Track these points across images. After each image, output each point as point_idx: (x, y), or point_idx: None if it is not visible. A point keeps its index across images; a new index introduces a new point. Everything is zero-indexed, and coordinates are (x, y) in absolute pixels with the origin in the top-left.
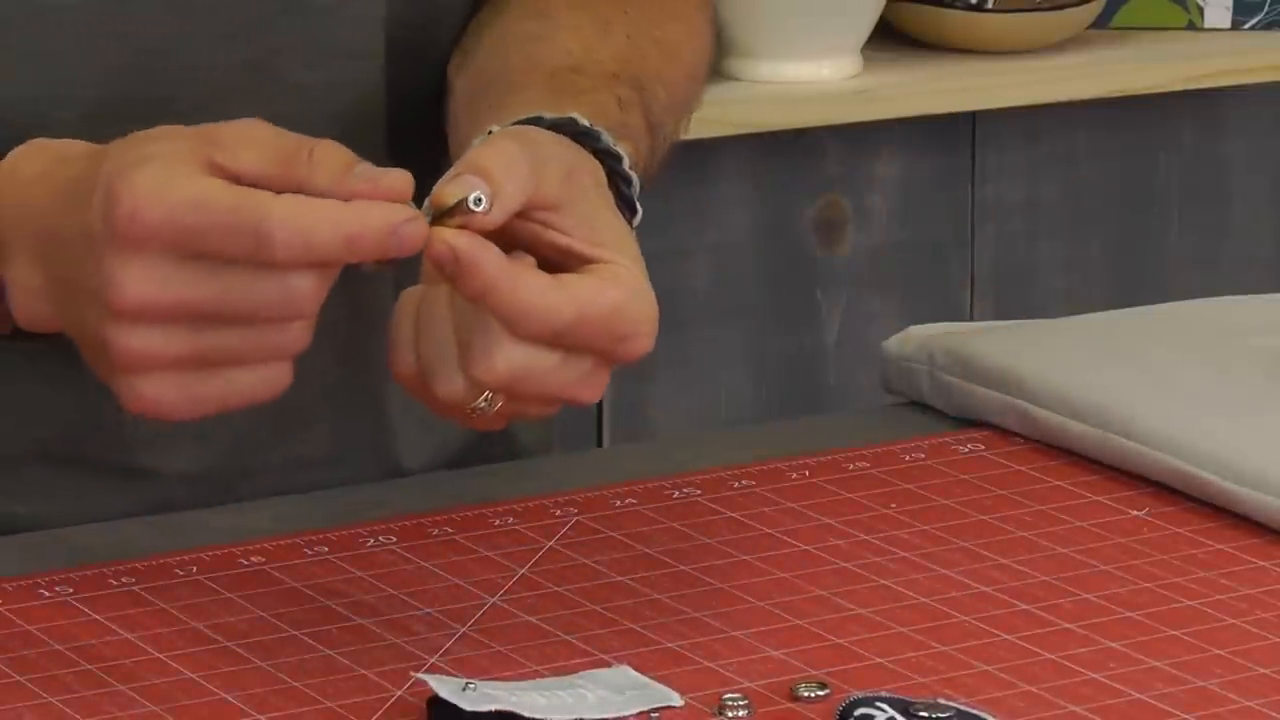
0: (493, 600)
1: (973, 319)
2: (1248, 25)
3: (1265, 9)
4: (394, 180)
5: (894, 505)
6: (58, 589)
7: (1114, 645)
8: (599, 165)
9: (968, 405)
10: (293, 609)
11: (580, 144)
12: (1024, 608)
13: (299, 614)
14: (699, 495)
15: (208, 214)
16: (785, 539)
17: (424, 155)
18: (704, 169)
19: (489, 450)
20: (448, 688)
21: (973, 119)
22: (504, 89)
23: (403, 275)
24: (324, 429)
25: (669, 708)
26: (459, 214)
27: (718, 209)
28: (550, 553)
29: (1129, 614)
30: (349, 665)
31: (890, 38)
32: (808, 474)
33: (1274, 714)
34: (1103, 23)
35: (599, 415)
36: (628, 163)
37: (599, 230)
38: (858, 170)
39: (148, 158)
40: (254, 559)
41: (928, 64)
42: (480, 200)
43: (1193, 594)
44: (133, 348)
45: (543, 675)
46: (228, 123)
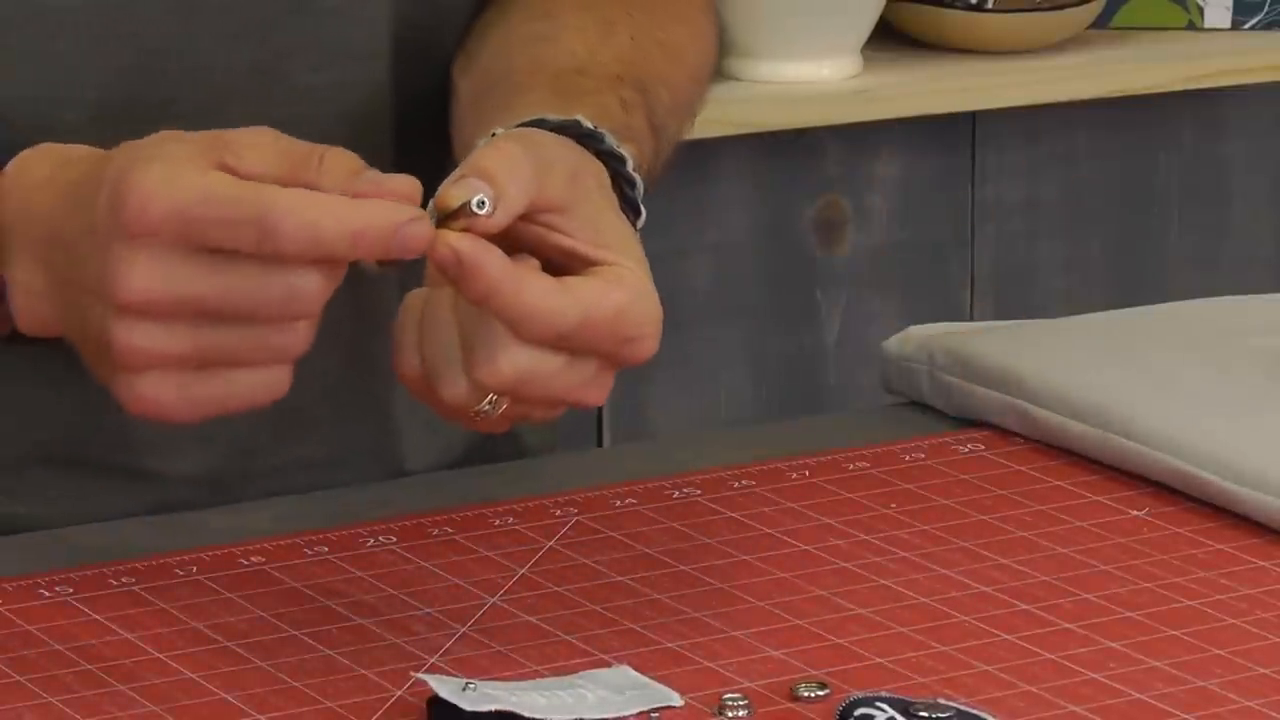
0: (493, 600)
1: (973, 319)
2: (1248, 25)
3: (1265, 9)
4: (400, 184)
5: (894, 505)
6: (58, 589)
7: (1114, 645)
8: (603, 168)
9: (968, 405)
10: (293, 609)
11: (584, 146)
12: (1024, 608)
13: (299, 614)
14: (699, 495)
15: (213, 206)
16: (785, 539)
17: (431, 156)
18: (704, 169)
19: (494, 452)
20: (448, 688)
21: (973, 119)
22: (508, 90)
23: (407, 277)
24: (328, 431)
25: (669, 708)
26: (462, 217)
27: (718, 209)
28: (550, 553)
29: (1129, 614)
30: (349, 665)
31: (890, 38)
32: (808, 474)
33: (1274, 714)
34: (1103, 23)
35: (599, 415)
36: (631, 165)
37: (603, 232)
38: (858, 170)
39: (155, 156)
40: (254, 559)
41: (928, 64)
42: (483, 203)
43: (1193, 594)
44: (134, 344)
45: (543, 675)
46: (236, 129)
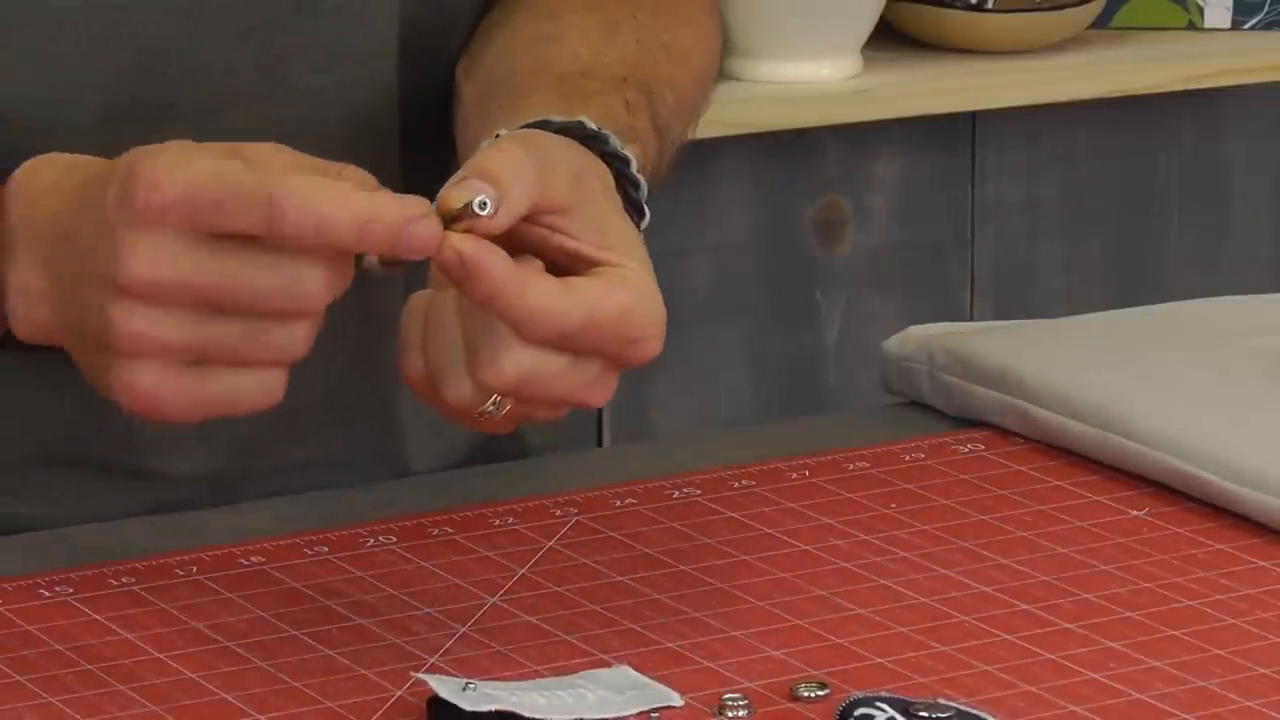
0: (493, 600)
1: (973, 319)
2: (1248, 25)
3: (1265, 9)
4: (413, 203)
5: (894, 505)
6: (58, 589)
7: (1114, 645)
8: (606, 168)
9: (968, 405)
10: (293, 609)
11: (588, 147)
12: (1024, 608)
13: (299, 614)
14: (699, 495)
15: (224, 185)
16: (785, 539)
17: (435, 158)
18: (704, 169)
19: (497, 453)
20: (448, 688)
21: (973, 119)
22: (512, 92)
23: (412, 279)
24: (333, 433)
25: (669, 708)
26: (465, 218)
27: (718, 209)
28: (550, 553)
29: (1129, 614)
30: (349, 665)
31: (890, 38)
32: (808, 474)
33: (1274, 714)
34: (1103, 23)
35: (600, 416)
36: (635, 166)
37: (607, 233)
38: (858, 170)
39: (168, 148)
40: (254, 559)
41: (928, 64)
42: (485, 204)
43: (1193, 594)
44: (134, 328)
45: (543, 675)
46: (252, 144)
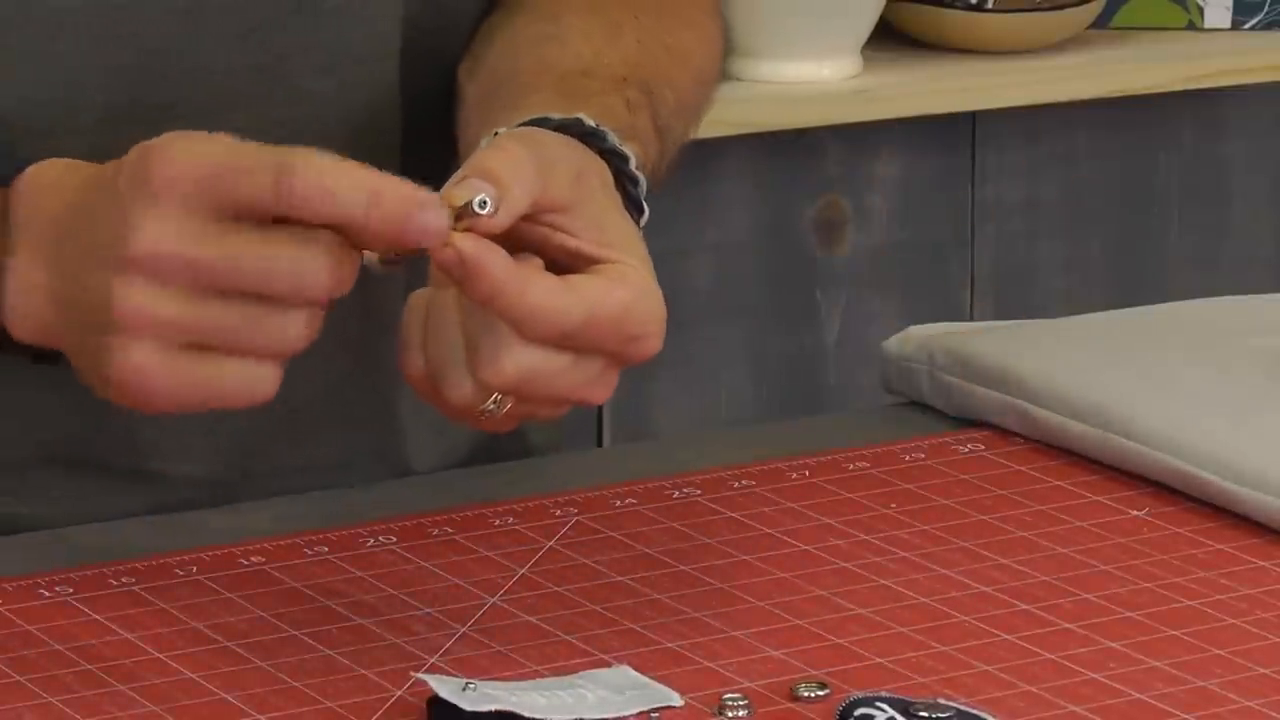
0: (493, 600)
1: (973, 319)
2: (1248, 25)
3: (1265, 9)
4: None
5: (894, 505)
6: (58, 589)
7: (1114, 645)
8: (605, 165)
9: (968, 405)
10: (293, 609)
11: (586, 144)
12: (1024, 608)
13: (299, 614)
14: (699, 495)
15: (235, 157)
16: (785, 539)
17: (437, 159)
18: (704, 169)
19: (499, 453)
20: (448, 688)
21: (973, 119)
22: (514, 91)
23: (412, 278)
24: (334, 434)
25: (669, 708)
26: (465, 217)
27: (718, 209)
28: (550, 553)
29: (1129, 614)
30: (349, 665)
31: (890, 38)
32: (808, 474)
33: (1274, 714)
34: (1103, 23)
35: (599, 415)
36: (634, 163)
37: (607, 231)
38: (858, 170)
39: (181, 133)
40: (254, 559)
41: (928, 64)
42: (485, 203)
43: (1193, 594)
44: (135, 303)
45: (543, 675)
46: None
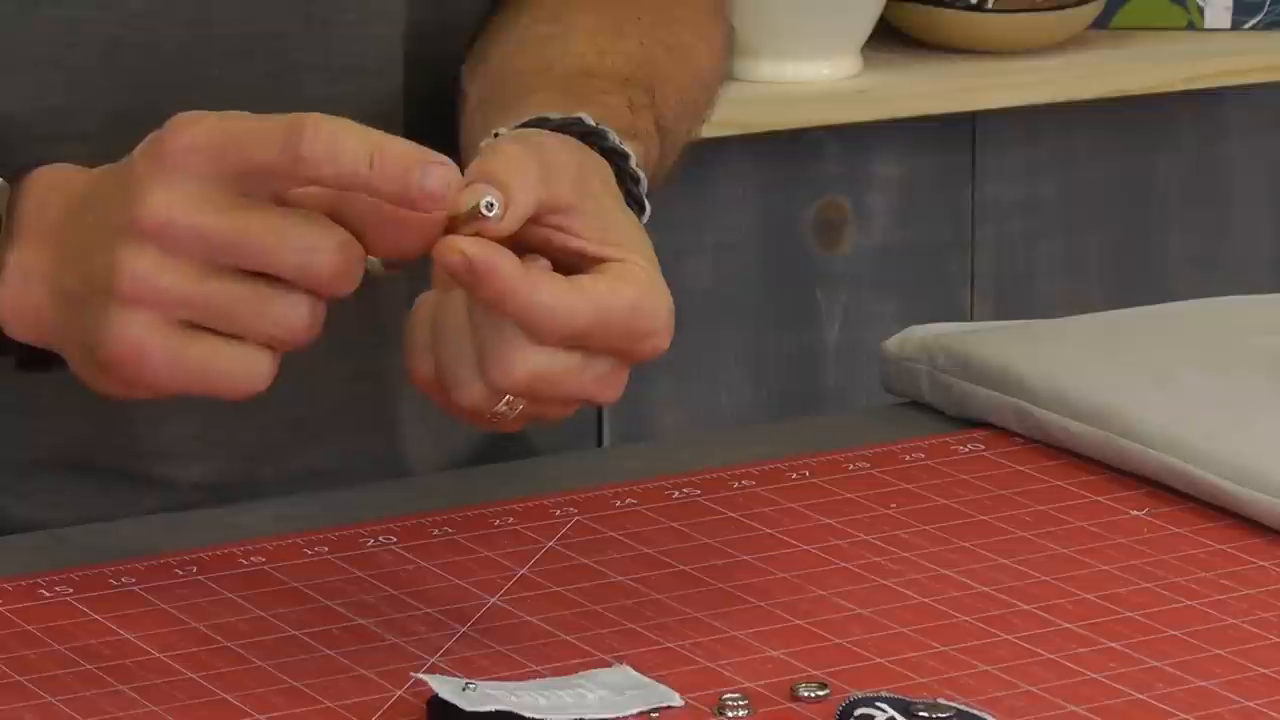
0: (493, 600)
1: (973, 319)
2: (1248, 25)
3: (1265, 9)
4: None
5: (894, 505)
6: (58, 589)
7: (1114, 645)
8: (606, 164)
9: (968, 405)
10: (293, 609)
11: (587, 143)
12: (1024, 608)
13: (299, 614)
14: (699, 495)
15: (248, 121)
16: (785, 539)
17: None
18: (704, 169)
19: (500, 458)
20: (448, 688)
21: (973, 119)
22: (517, 91)
23: (416, 286)
24: (336, 442)
25: (669, 708)
26: (471, 221)
27: (718, 209)
28: (550, 553)
29: (1129, 614)
30: (349, 665)
31: (890, 38)
32: (808, 474)
33: (1274, 714)
34: (1103, 23)
35: (599, 415)
36: (634, 161)
37: (611, 230)
38: (858, 170)
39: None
40: (254, 559)
41: (928, 64)
42: (492, 205)
43: (1193, 594)
44: (140, 271)
45: (543, 675)
46: None
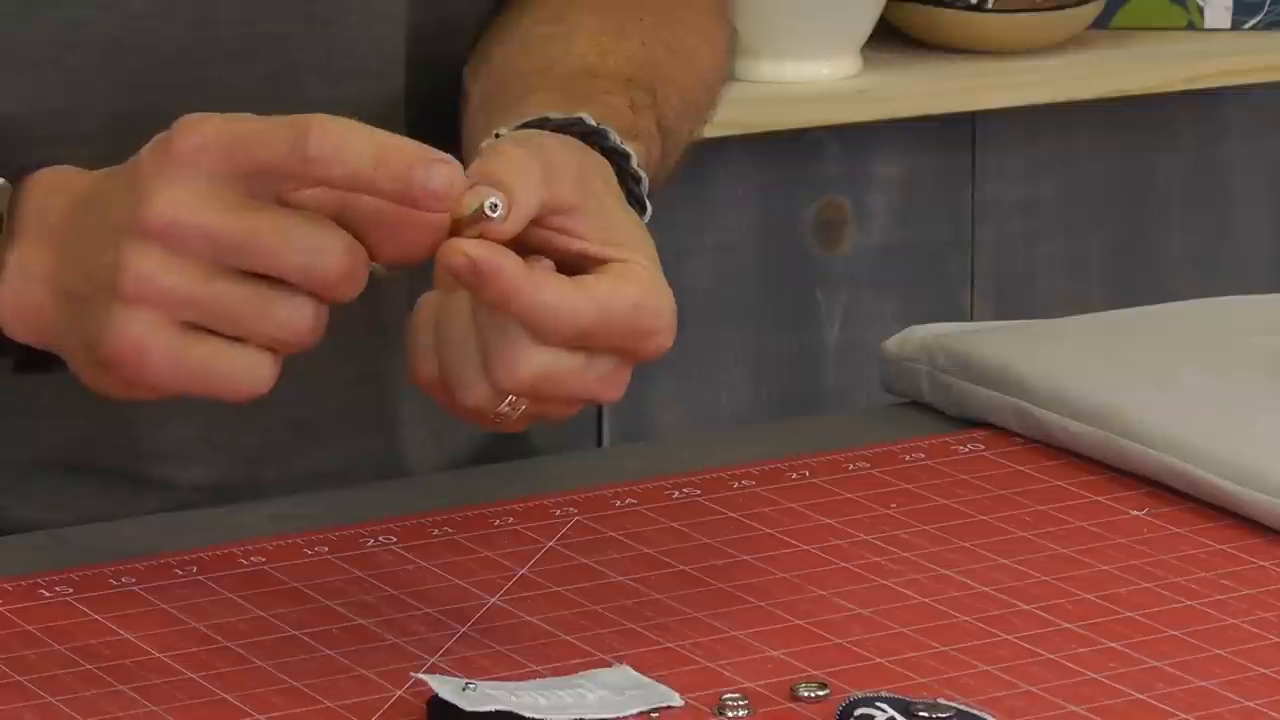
0: (493, 600)
1: (973, 319)
2: (1248, 25)
3: (1265, 9)
4: None
5: (894, 505)
6: (58, 589)
7: (1114, 645)
8: (607, 164)
9: (968, 405)
10: (293, 609)
11: (588, 143)
12: (1024, 608)
13: (299, 614)
14: (699, 495)
15: (254, 122)
16: (785, 539)
17: None
18: (704, 169)
19: (501, 458)
20: (448, 688)
21: (973, 119)
22: (518, 91)
23: (417, 288)
24: (338, 444)
25: (669, 708)
26: (475, 223)
27: (718, 209)
28: (550, 553)
29: (1129, 614)
30: (349, 665)
31: (890, 38)
32: (808, 474)
33: (1274, 714)
34: (1103, 23)
35: (599, 415)
36: (636, 160)
37: (613, 230)
38: (858, 170)
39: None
40: (254, 559)
41: (928, 64)
42: (496, 206)
43: (1193, 594)
44: (146, 268)
45: (543, 675)
46: None
